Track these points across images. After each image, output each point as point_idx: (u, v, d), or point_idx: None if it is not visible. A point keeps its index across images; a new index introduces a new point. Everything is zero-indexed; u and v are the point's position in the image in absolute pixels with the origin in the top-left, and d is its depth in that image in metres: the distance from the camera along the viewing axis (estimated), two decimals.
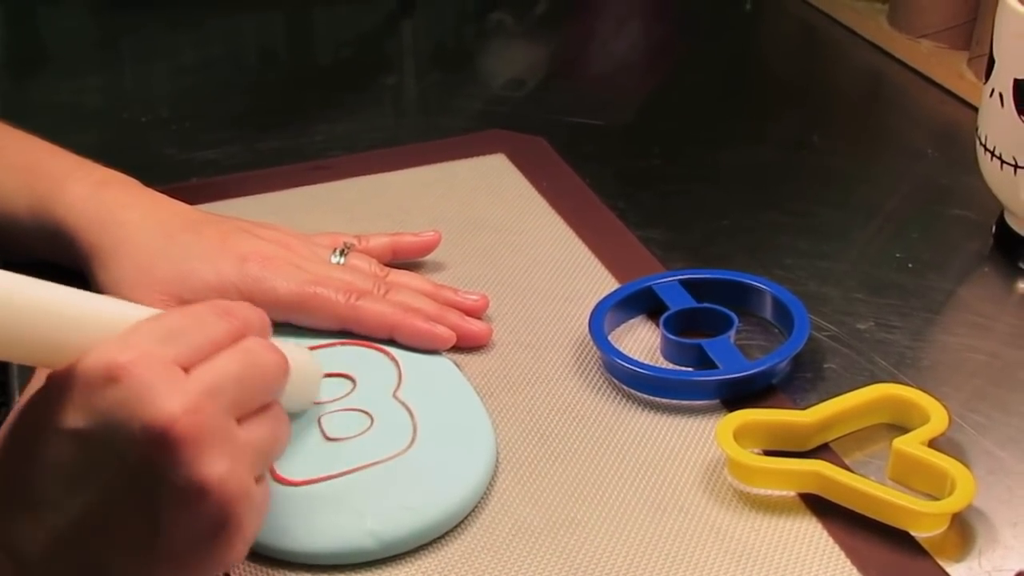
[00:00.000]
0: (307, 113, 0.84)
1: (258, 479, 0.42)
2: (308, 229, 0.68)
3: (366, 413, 0.53)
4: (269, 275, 0.57)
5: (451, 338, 0.57)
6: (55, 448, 0.39)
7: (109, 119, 0.63)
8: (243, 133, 0.81)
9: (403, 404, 0.53)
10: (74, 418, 0.39)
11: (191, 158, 0.77)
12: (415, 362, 0.56)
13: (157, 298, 0.56)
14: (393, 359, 0.56)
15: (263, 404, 0.43)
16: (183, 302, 0.55)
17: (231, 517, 0.39)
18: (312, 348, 0.56)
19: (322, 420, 0.52)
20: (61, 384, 0.39)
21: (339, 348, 0.57)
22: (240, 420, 0.41)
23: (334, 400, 0.53)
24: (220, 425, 0.39)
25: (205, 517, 0.39)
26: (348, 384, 0.55)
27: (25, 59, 0.97)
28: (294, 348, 0.49)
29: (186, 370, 0.40)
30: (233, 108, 0.86)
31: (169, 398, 0.38)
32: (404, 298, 0.58)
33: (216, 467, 0.39)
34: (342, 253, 0.61)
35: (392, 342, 0.57)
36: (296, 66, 0.97)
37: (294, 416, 0.50)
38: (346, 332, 0.57)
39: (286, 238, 0.60)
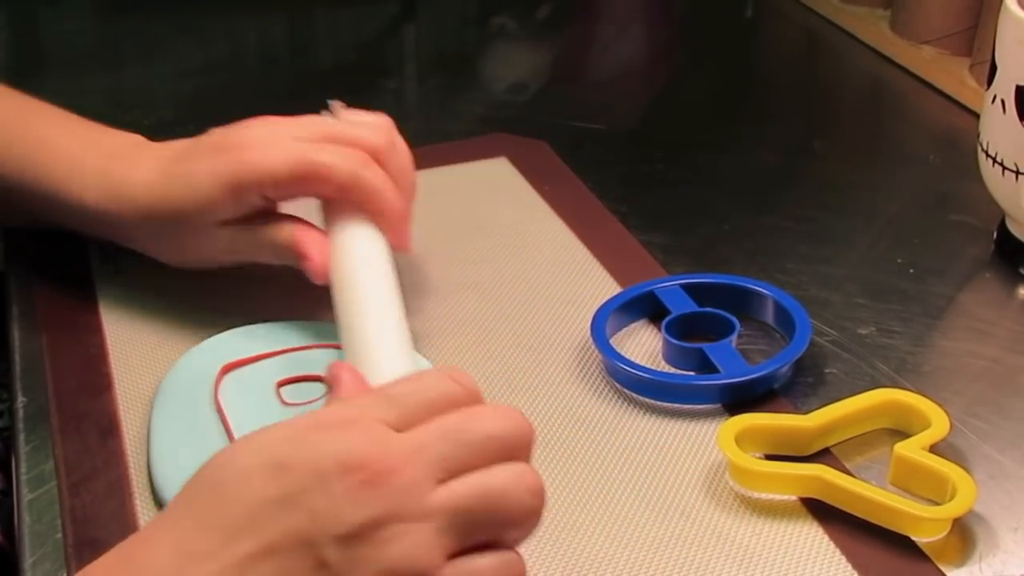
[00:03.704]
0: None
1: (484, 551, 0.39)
2: None
3: None
4: (262, 156, 0.56)
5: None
6: (257, 478, 0.38)
7: (111, 122, 0.63)
8: None
9: None
10: (286, 451, 0.38)
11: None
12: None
13: None
14: None
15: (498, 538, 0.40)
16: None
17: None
18: (290, 350, 0.56)
19: None
20: (290, 428, 0.39)
21: (317, 351, 0.57)
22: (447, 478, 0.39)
23: (309, 402, 0.54)
24: (418, 482, 0.38)
25: (376, 569, 0.37)
26: (323, 387, 0.55)
27: (27, 61, 0.97)
28: None
29: (398, 429, 0.39)
30: (235, 111, 0.85)
31: (372, 449, 0.38)
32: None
33: (404, 517, 0.37)
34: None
35: None
36: (298, 69, 0.97)
37: None
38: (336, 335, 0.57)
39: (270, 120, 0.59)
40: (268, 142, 0.57)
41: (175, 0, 1.05)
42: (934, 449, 0.50)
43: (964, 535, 0.48)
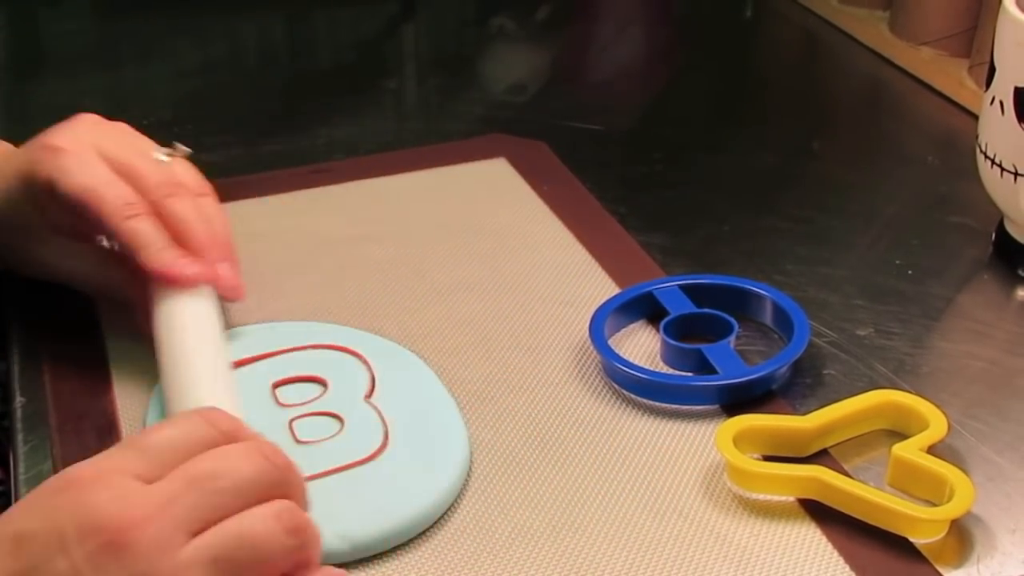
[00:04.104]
0: (308, 117, 0.84)
1: None
2: (308, 232, 0.68)
3: (337, 417, 0.52)
4: (60, 166, 0.53)
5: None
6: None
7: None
8: (244, 136, 0.81)
9: (374, 408, 0.53)
10: (26, 520, 0.37)
11: (192, 161, 0.77)
12: (387, 366, 0.56)
13: None
14: (365, 362, 0.56)
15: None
16: None
17: None
18: (286, 350, 0.56)
19: (293, 424, 0.52)
20: (34, 493, 0.38)
21: (312, 351, 0.57)
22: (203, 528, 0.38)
23: (304, 403, 0.53)
24: (170, 537, 0.36)
25: None
26: (319, 388, 0.54)
27: (26, 61, 0.97)
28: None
29: (148, 481, 0.38)
30: (234, 111, 0.86)
31: (117, 508, 0.36)
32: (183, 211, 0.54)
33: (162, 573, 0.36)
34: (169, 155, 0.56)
35: (365, 346, 0.57)
36: (297, 70, 0.97)
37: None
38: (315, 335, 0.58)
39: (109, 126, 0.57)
40: (74, 150, 0.54)
41: (174, 0, 1.05)
42: (932, 450, 0.50)
43: (962, 536, 0.48)
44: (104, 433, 0.53)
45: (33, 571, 0.36)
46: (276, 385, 0.55)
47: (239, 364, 0.56)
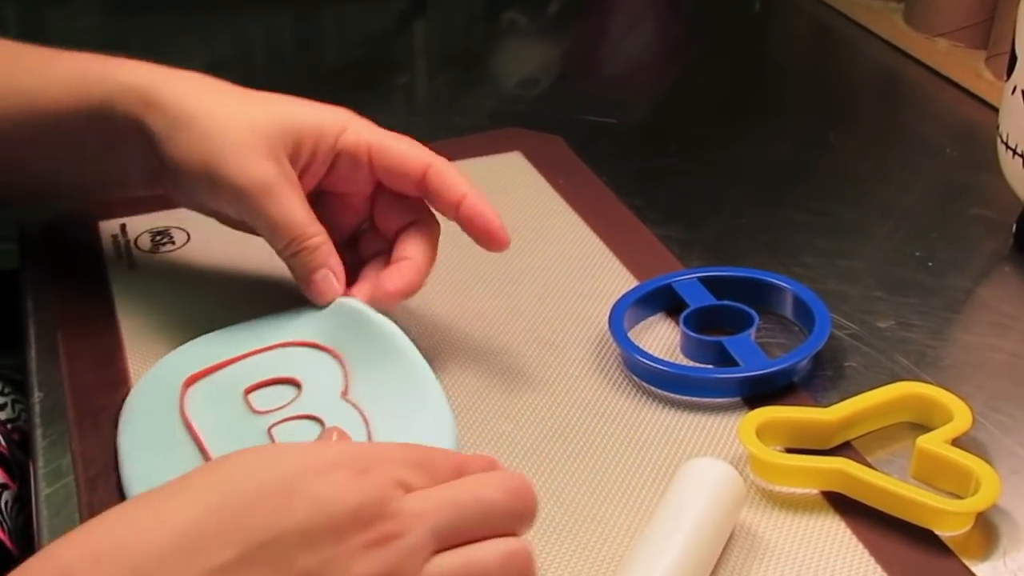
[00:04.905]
0: None
1: None
2: None
3: (315, 419, 0.51)
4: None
5: None
6: (291, 505, 0.38)
7: None
8: None
9: (353, 405, 0.51)
10: (324, 488, 0.38)
11: None
12: (361, 357, 0.53)
13: (262, 152, 0.54)
14: (337, 357, 0.54)
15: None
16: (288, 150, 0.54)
17: None
18: (251, 353, 0.54)
19: (272, 431, 0.50)
20: (323, 461, 0.39)
21: (280, 350, 0.55)
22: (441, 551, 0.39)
23: (280, 408, 0.51)
24: (421, 544, 0.39)
25: None
26: (293, 390, 0.53)
27: None
28: None
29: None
30: None
31: (388, 516, 0.38)
32: None
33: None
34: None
35: (335, 340, 0.54)
36: (307, 66, 0.97)
37: None
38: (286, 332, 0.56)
39: None
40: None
41: None
42: (956, 443, 0.50)
43: (988, 529, 0.48)
44: None
45: (311, 537, 0.37)
46: (248, 391, 0.53)
47: (205, 374, 0.53)
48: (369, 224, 0.59)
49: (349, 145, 0.56)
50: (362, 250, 0.59)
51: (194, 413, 0.51)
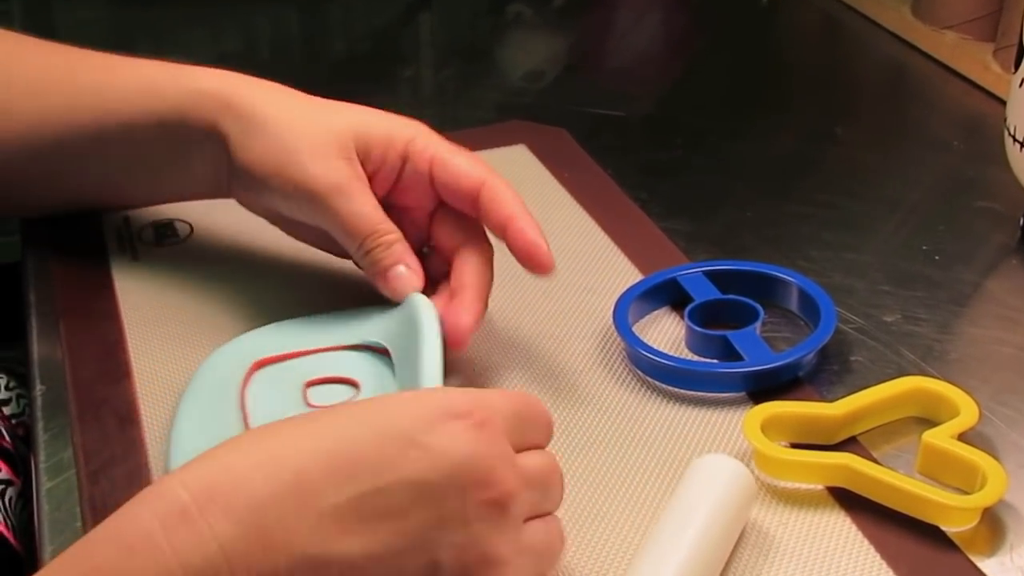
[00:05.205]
0: None
1: None
2: None
3: None
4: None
5: None
6: (405, 453, 0.38)
7: None
8: None
9: None
10: (424, 434, 0.38)
11: None
12: (411, 359, 0.53)
13: (335, 153, 0.54)
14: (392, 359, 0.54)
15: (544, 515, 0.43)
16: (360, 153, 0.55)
17: None
18: (323, 349, 0.55)
19: None
20: (425, 408, 0.39)
21: (341, 353, 0.55)
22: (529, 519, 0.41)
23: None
24: (520, 516, 0.40)
25: None
26: (352, 390, 0.53)
27: None
28: None
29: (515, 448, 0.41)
30: None
31: (505, 471, 0.39)
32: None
33: (507, 548, 0.39)
34: None
35: (398, 344, 0.54)
36: (313, 59, 0.97)
37: None
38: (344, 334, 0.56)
39: None
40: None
41: None
42: (963, 438, 0.49)
43: (994, 525, 0.47)
44: (124, 420, 0.53)
45: (427, 487, 0.38)
46: (308, 384, 0.54)
47: (274, 360, 0.55)
48: (430, 247, 0.58)
49: (415, 154, 0.55)
50: (425, 272, 0.58)
51: (253, 396, 0.52)
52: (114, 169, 0.62)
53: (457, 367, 0.56)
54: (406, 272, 0.54)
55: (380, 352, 0.55)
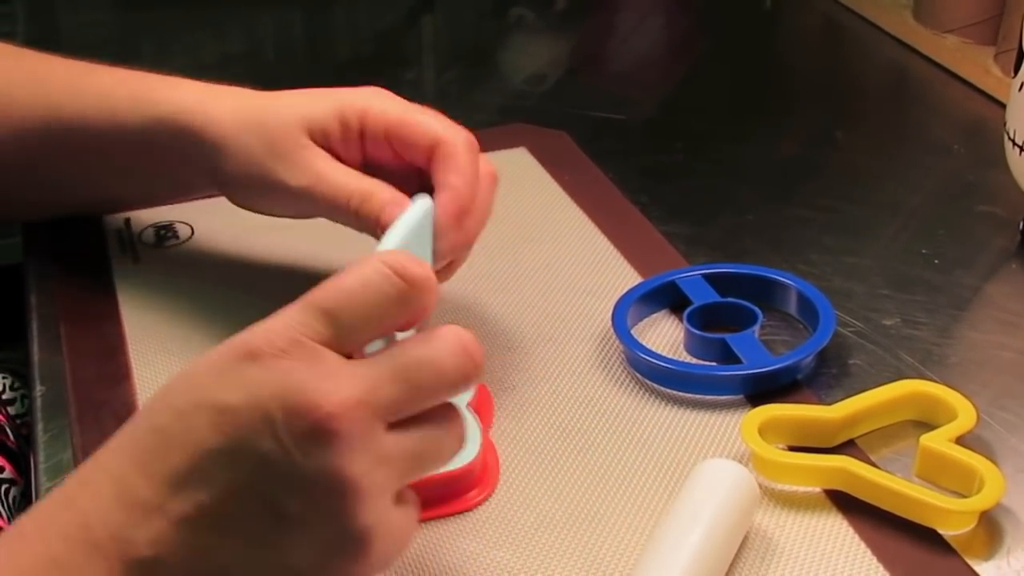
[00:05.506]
0: None
1: (400, 499, 0.39)
2: (328, 222, 0.68)
3: None
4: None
5: None
6: (200, 423, 0.36)
7: None
8: None
9: (475, 416, 0.51)
10: (222, 392, 0.36)
11: None
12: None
13: (295, 148, 0.54)
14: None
15: (431, 407, 0.39)
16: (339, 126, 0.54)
17: (359, 530, 0.37)
18: None
19: None
20: (221, 361, 0.37)
21: None
22: (395, 425, 0.38)
23: None
24: (371, 427, 0.37)
25: (331, 520, 0.36)
26: None
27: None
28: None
29: (349, 356, 0.37)
30: None
31: (323, 389, 0.36)
32: None
33: (355, 467, 0.36)
34: None
35: None
36: (316, 61, 0.97)
37: None
38: None
39: None
40: None
41: None
42: (960, 441, 0.50)
43: (991, 528, 0.47)
44: (124, 421, 0.52)
45: (240, 450, 0.36)
46: None
47: None
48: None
49: (371, 124, 0.55)
50: None
51: None
52: (96, 176, 0.62)
53: None
54: (393, 204, 0.53)
55: None
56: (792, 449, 0.51)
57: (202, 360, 0.38)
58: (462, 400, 0.51)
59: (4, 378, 0.66)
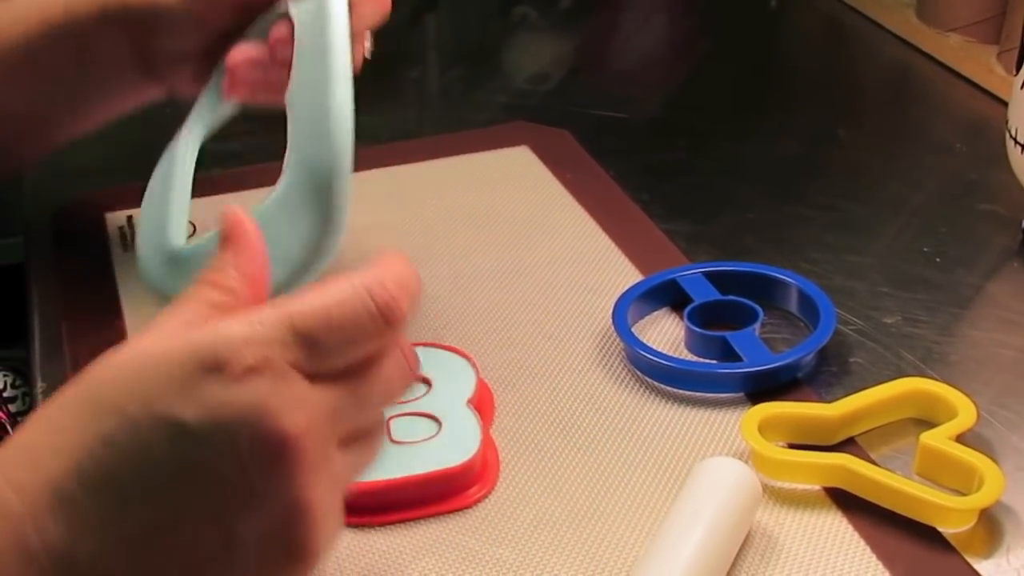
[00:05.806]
0: None
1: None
2: None
3: (435, 419, 0.51)
4: None
5: None
6: (155, 438, 0.34)
7: (133, 113, 0.63)
8: (266, 125, 0.80)
9: (475, 413, 0.52)
10: (181, 407, 0.34)
11: (214, 150, 0.76)
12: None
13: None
14: (474, 365, 0.54)
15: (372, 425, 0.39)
16: None
17: (311, 552, 0.36)
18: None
19: (391, 422, 0.51)
20: (181, 370, 0.35)
21: (421, 349, 0.55)
22: (344, 442, 0.38)
23: (407, 402, 0.52)
24: (327, 451, 0.36)
25: (283, 544, 0.36)
26: (424, 387, 0.53)
27: None
28: None
29: (310, 377, 0.36)
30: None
31: (290, 415, 0.35)
32: None
33: (314, 492, 0.35)
34: None
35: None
36: None
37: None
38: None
39: None
40: None
41: None
42: (961, 439, 0.50)
43: (991, 526, 0.47)
44: None
45: (197, 471, 0.34)
46: None
47: None
48: None
49: None
50: None
51: None
52: (31, 94, 0.60)
53: None
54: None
55: (456, 352, 0.55)
56: (792, 447, 0.51)
57: (154, 354, 0.35)
58: (462, 398, 0.52)
59: (5, 376, 0.66)
